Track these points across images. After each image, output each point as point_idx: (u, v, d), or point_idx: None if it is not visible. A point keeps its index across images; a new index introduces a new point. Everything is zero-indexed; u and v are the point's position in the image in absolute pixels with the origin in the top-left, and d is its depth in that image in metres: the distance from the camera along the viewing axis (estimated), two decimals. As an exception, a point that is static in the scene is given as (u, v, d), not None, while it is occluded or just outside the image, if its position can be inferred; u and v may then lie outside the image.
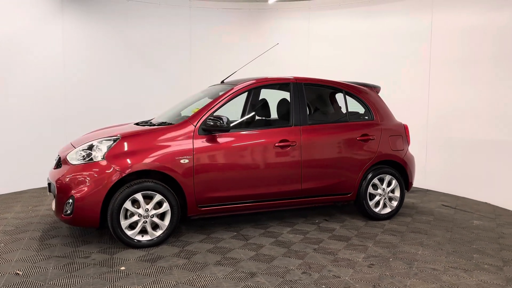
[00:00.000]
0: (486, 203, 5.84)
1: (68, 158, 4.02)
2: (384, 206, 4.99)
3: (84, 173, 3.83)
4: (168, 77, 7.75)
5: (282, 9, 8.01)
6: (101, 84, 7.22)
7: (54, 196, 4.11)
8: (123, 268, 3.51)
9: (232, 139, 4.30)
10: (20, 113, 6.30)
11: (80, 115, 6.97)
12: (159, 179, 4.07)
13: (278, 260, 3.71)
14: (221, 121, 4.08)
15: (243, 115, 5.21)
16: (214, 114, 4.30)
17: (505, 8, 5.61)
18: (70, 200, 3.81)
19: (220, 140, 4.24)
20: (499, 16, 5.69)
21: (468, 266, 3.62)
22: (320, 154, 4.63)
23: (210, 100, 5.12)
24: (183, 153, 4.07)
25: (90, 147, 3.98)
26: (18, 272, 3.40)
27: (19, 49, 6.22)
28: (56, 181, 3.92)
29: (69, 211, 3.85)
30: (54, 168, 4.22)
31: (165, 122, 4.48)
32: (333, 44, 7.67)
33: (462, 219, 5.07)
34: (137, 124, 5.07)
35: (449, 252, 3.94)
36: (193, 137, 4.15)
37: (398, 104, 6.50)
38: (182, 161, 4.06)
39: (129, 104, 7.32)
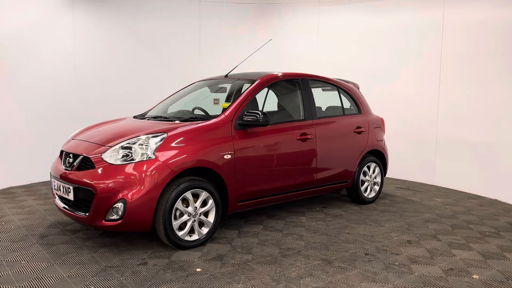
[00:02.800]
0: (426, 183, 6.87)
1: (104, 157, 3.63)
2: (370, 191, 5.57)
3: (134, 173, 3.52)
4: (177, 71, 7.45)
5: (291, 4, 7.96)
6: (111, 77, 7.21)
7: (80, 201, 3.67)
8: (199, 269, 3.37)
9: (262, 133, 4.34)
10: (30, 107, 6.33)
11: (90, 109, 6.94)
12: (201, 176, 3.94)
13: (332, 245, 3.95)
14: (258, 116, 4.11)
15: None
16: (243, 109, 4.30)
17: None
18: (120, 204, 3.47)
19: (253, 134, 4.26)
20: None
21: (476, 234, 4.36)
22: (330, 146, 4.96)
23: (212, 92, 5.13)
24: (226, 148, 4.01)
25: (130, 145, 3.66)
26: (92, 287, 3.02)
27: (30, 43, 6.24)
28: (94, 184, 3.51)
29: (116, 216, 3.50)
30: (74, 170, 3.75)
31: (195, 118, 4.32)
32: (342, 39, 7.59)
33: (425, 198, 5.93)
34: (135, 117, 4.82)
35: (451, 225, 4.65)
36: (232, 132, 4.11)
37: (407, 100, 6.89)
38: (225, 156, 3.99)
39: (139, 97, 7.05)
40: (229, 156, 4.02)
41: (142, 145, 3.65)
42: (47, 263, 3.43)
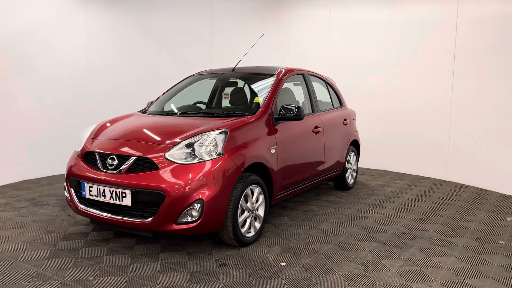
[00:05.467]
0: (372, 169, 7.66)
1: (169, 157, 3.38)
2: (350, 177, 6.05)
3: (207, 171, 3.36)
4: (189, 66, 6.91)
5: None
6: (123, 72, 7.36)
7: (141, 204, 3.37)
8: (283, 263, 3.39)
9: (290, 126, 4.43)
10: (42, 102, 6.48)
11: (102, 103, 7.12)
12: (252, 171, 3.91)
13: (368, 229, 4.27)
14: (295, 110, 4.20)
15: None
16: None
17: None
18: (197, 205, 3.30)
19: (283, 128, 4.31)
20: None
21: (460, 209, 5.11)
22: (331, 137, 5.27)
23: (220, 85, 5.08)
24: (271, 143, 4.03)
25: (194, 143, 3.47)
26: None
27: (44, 39, 6.37)
28: (165, 186, 3.26)
29: (192, 218, 3.32)
30: (124, 172, 3.41)
31: (235, 113, 4.21)
32: (355, 33, 7.45)
33: (388, 182, 6.62)
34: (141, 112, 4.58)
35: (435, 203, 5.34)
36: (272, 126, 4.13)
37: (420, 95, 6.85)
38: (272, 151, 4.02)
39: (150, 92, 6.50)
40: (274, 151, 4.05)
41: (208, 142, 3.48)
42: (119, 277, 3.10)
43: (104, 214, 3.52)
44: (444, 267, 3.37)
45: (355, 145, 6.15)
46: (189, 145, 3.46)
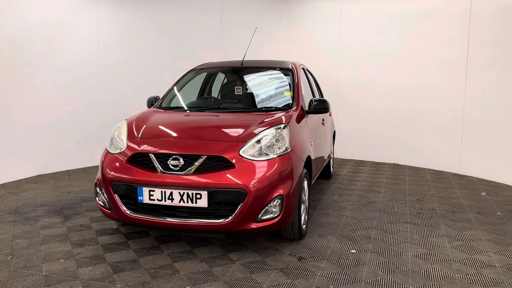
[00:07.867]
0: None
1: (244, 154, 3.28)
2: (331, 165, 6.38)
3: (282, 166, 3.34)
4: (199, 61, 6.24)
5: None
6: (134, 68, 7.38)
7: (216, 204, 3.22)
8: (353, 251, 3.54)
9: (312, 119, 4.53)
10: (53, 98, 6.45)
11: (114, 97, 7.15)
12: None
13: (386, 213, 4.61)
14: (324, 103, 4.33)
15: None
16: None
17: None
18: (277, 201, 3.27)
19: (310, 121, 4.40)
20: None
21: (438, 188, 5.75)
22: (328, 129, 5.51)
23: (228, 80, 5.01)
24: (309, 135, 4.13)
25: (261, 138, 3.41)
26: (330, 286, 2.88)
27: (56, 35, 6.37)
28: (246, 184, 3.17)
29: (272, 215, 3.28)
30: (192, 173, 3.23)
31: (274, 107, 4.18)
32: (365, 25, 7.31)
33: (355, 168, 7.12)
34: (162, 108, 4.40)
35: (412, 185, 5.93)
36: (306, 120, 4.21)
37: (432, 87, 6.79)
38: (311, 143, 4.11)
39: (161, 87, 6.43)
40: (312, 143, 4.15)
41: (272, 137, 3.44)
42: (217, 282, 2.96)
43: (169, 219, 3.28)
44: (482, 239, 3.83)
45: (333, 136, 6.49)
46: (258, 142, 3.39)
